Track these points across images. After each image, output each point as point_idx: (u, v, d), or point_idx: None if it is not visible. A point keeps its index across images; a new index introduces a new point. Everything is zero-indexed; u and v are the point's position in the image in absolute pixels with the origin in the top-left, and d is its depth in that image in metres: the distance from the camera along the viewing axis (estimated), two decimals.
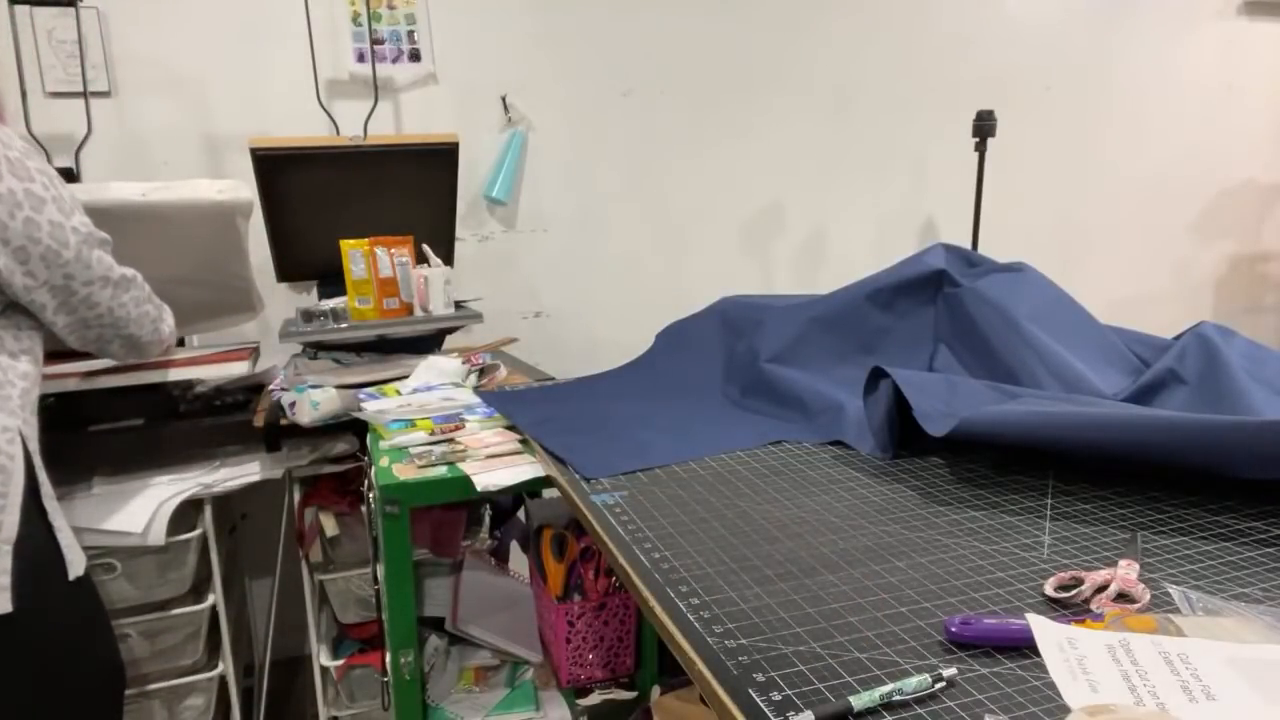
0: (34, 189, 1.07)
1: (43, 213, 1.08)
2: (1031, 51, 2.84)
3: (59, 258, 1.10)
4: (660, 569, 0.82)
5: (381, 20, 2.22)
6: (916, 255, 1.45)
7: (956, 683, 0.62)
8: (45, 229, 1.08)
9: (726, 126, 2.60)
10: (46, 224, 1.08)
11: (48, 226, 1.08)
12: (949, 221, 2.84)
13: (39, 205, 1.07)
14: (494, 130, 2.39)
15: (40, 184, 1.08)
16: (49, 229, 1.08)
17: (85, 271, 1.14)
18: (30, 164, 1.07)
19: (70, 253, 1.12)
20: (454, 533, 1.55)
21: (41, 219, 1.08)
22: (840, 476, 1.03)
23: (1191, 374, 1.17)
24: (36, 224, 1.07)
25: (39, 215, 1.08)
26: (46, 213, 1.09)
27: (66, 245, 1.11)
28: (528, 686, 1.43)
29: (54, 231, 1.09)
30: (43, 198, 1.07)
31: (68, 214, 1.11)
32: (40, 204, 1.07)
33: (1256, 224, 3.29)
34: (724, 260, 2.69)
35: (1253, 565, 0.78)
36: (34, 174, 1.07)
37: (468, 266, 2.38)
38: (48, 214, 1.09)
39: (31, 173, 1.07)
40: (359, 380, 1.66)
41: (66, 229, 1.11)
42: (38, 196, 1.07)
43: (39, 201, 1.07)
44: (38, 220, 1.07)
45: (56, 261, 1.10)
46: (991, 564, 0.80)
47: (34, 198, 1.06)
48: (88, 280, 1.15)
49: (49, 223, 1.08)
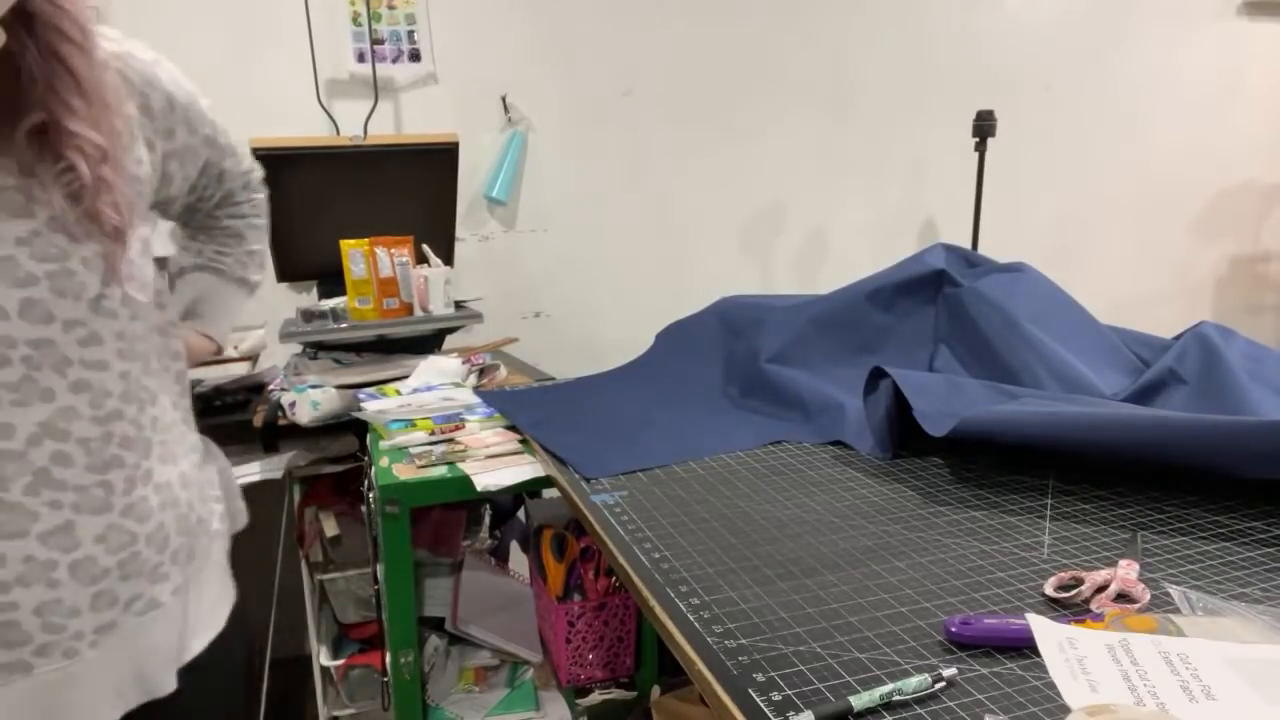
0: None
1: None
2: (1031, 51, 2.84)
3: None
4: (660, 569, 0.82)
5: (381, 20, 2.22)
6: (916, 255, 1.45)
7: (956, 683, 0.62)
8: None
9: (726, 126, 2.60)
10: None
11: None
12: (949, 221, 2.84)
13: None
14: (494, 130, 2.38)
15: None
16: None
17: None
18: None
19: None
20: (454, 533, 1.55)
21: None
22: (840, 476, 1.03)
23: (1191, 374, 1.17)
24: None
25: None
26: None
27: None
28: (528, 686, 1.43)
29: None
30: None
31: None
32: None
33: (1256, 224, 3.29)
34: (724, 260, 2.68)
35: (1253, 565, 0.78)
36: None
37: (468, 266, 2.38)
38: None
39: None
40: (359, 380, 1.66)
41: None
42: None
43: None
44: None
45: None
46: (991, 564, 0.80)
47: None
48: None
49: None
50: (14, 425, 0.69)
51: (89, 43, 0.72)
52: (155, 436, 0.80)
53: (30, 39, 0.69)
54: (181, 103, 0.85)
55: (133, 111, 0.79)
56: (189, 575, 0.84)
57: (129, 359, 0.77)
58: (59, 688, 0.74)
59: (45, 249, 0.70)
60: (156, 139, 0.83)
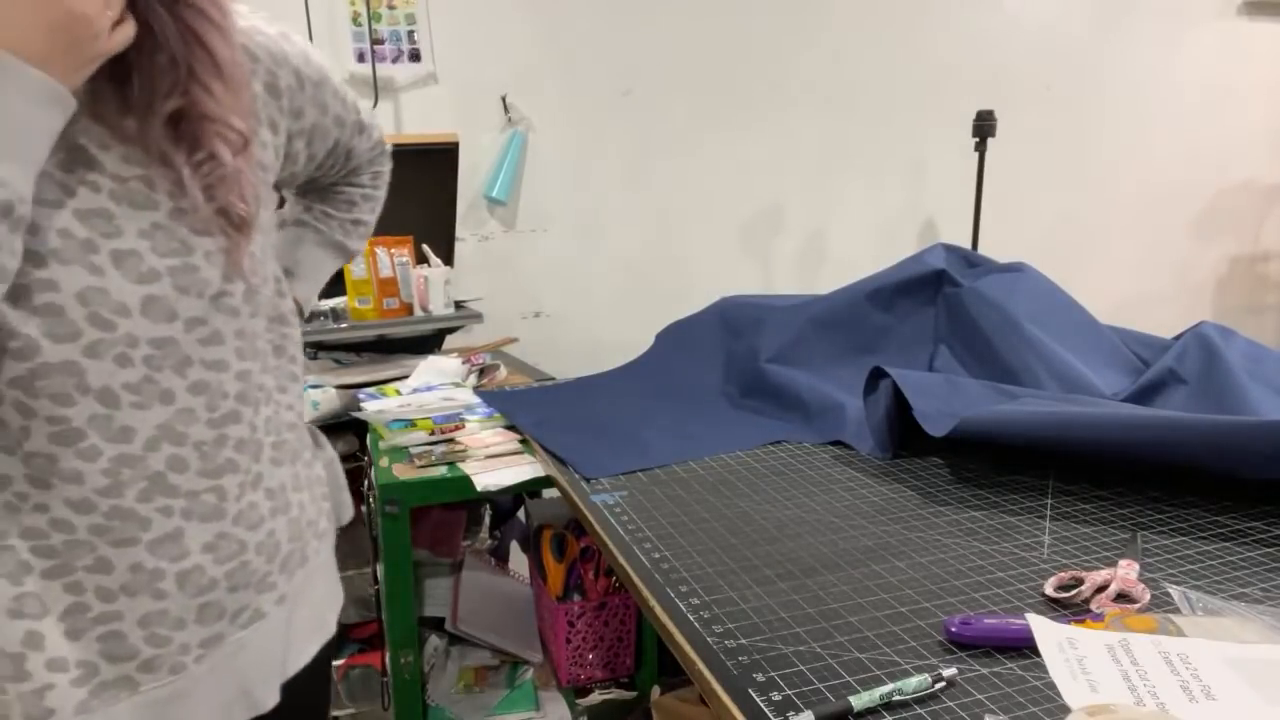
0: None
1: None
2: (1031, 51, 2.83)
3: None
4: (660, 569, 0.82)
5: (381, 20, 2.22)
6: (916, 255, 1.45)
7: (956, 683, 0.62)
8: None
9: (726, 126, 2.60)
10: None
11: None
12: (949, 222, 2.84)
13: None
14: (494, 130, 2.38)
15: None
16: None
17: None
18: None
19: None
20: (454, 533, 1.55)
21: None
22: (840, 476, 1.03)
23: (1191, 374, 1.17)
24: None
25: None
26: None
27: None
28: (528, 686, 1.43)
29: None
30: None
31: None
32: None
33: (1256, 224, 3.29)
34: (724, 260, 2.68)
35: (1253, 565, 0.78)
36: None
37: (468, 266, 2.38)
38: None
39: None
40: (359, 380, 1.66)
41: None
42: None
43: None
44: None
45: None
46: (991, 564, 0.80)
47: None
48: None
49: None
50: (134, 429, 0.66)
51: (228, 22, 0.68)
52: (269, 438, 0.76)
53: (169, 17, 0.64)
54: (312, 80, 0.80)
55: (258, 89, 0.74)
56: (295, 583, 0.79)
57: (247, 358, 0.73)
58: (166, 705, 0.70)
59: (168, 242, 0.65)
60: (282, 119, 0.78)
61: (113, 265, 0.63)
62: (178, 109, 0.65)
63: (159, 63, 0.64)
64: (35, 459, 0.64)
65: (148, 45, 0.64)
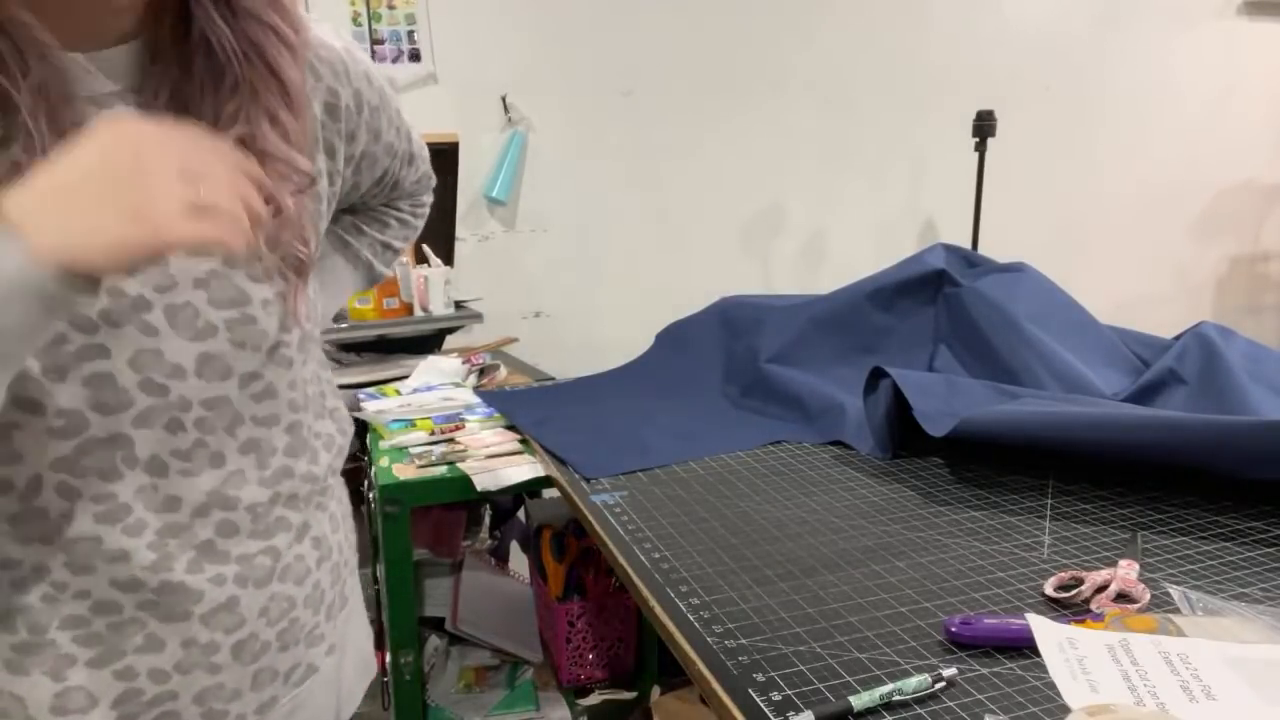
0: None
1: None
2: (1031, 51, 2.84)
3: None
4: (660, 569, 0.82)
5: (381, 20, 2.22)
6: (917, 255, 1.45)
7: (956, 683, 0.62)
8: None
9: (726, 126, 2.60)
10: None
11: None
12: (949, 221, 2.84)
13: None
14: (494, 130, 2.38)
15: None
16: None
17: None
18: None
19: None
20: (454, 533, 1.55)
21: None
22: (840, 476, 1.03)
23: (1191, 374, 1.17)
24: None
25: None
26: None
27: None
28: (528, 686, 1.43)
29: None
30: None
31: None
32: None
33: (1256, 224, 3.29)
34: (724, 260, 2.68)
35: (1253, 565, 0.78)
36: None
37: (468, 266, 2.38)
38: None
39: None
40: (359, 380, 1.66)
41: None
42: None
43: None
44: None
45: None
46: (991, 564, 0.80)
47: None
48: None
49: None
50: (181, 498, 0.59)
51: (300, 39, 0.60)
52: (315, 486, 0.69)
53: (231, 32, 0.56)
54: (370, 103, 0.72)
55: (317, 110, 0.66)
56: (339, 628, 0.74)
57: (299, 409, 0.66)
58: None
59: (225, 291, 0.58)
60: (340, 144, 0.70)
61: (167, 323, 0.56)
62: (238, 140, 0.57)
63: (219, 86, 0.57)
64: (78, 545, 0.57)
65: (207, 65, 0.57)
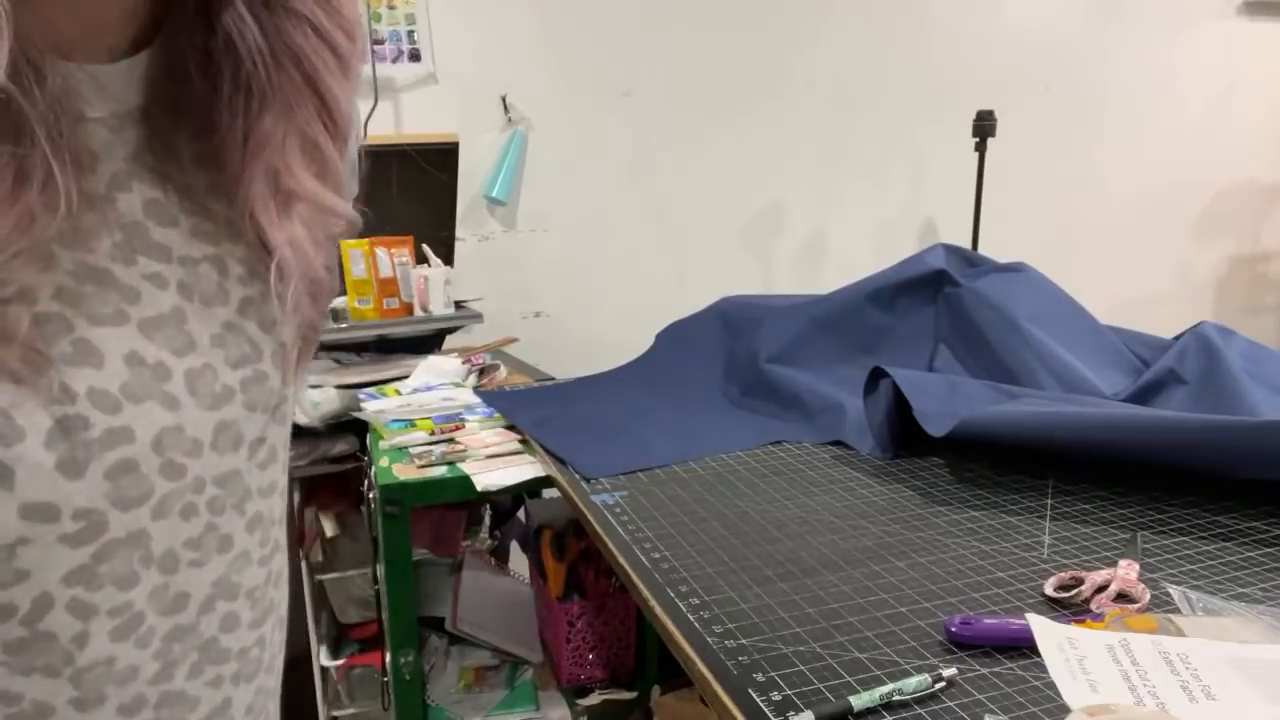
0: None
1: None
2: (1031, 51, 2.83)
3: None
4: (660, 569, 0.82)
5: (381, 20, 2.22)
6: (917, 255, 1.45)
7: (956, 683, 0.62)
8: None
9: (727, 126, 2.60)
10: None
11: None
12: (949, 221, 2.84)
13: None
14: (494, 130, 2.38)
15: None
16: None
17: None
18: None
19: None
20: (454, 533, 1.55)
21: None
22: (840, 476, 1.03)
23: (1191, 374, 1.17)
24: None
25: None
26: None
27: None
28: (528, 686, 1.43)
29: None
30: None
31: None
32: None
33: (1256, 224, 3.29)
34: (724, 260, 2.68)
35: (1253, 565, 0.78)
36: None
37: (468, 266, 2.38)
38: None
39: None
40: (359, 380, 1.66)
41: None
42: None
43: None
44: None
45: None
46: (991, 564, 0.80)
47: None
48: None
49: None
50: (189, 594, 0.49)
51: (349, 48, 0.47)
52: (283, 558, 0.60)
53: (259, 28, 0.43)
54: (352, 161, 0.59)
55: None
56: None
57: (286, 469, 0.58)
58: None
59: (240, 347, 0.49)
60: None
61: (187, 391, 0.46)
62: (267, 173, 0.46)
63: (248, 102, 0.44)
64: (90, 673, 0.45)
65: (234, 76, 0.44)
